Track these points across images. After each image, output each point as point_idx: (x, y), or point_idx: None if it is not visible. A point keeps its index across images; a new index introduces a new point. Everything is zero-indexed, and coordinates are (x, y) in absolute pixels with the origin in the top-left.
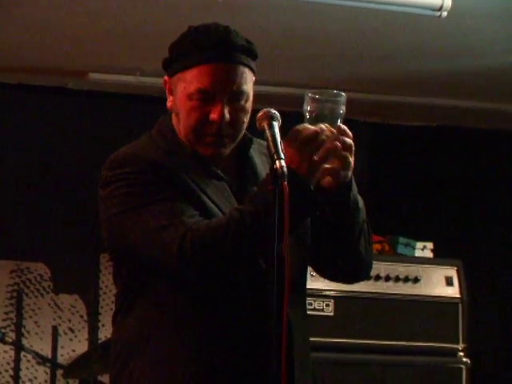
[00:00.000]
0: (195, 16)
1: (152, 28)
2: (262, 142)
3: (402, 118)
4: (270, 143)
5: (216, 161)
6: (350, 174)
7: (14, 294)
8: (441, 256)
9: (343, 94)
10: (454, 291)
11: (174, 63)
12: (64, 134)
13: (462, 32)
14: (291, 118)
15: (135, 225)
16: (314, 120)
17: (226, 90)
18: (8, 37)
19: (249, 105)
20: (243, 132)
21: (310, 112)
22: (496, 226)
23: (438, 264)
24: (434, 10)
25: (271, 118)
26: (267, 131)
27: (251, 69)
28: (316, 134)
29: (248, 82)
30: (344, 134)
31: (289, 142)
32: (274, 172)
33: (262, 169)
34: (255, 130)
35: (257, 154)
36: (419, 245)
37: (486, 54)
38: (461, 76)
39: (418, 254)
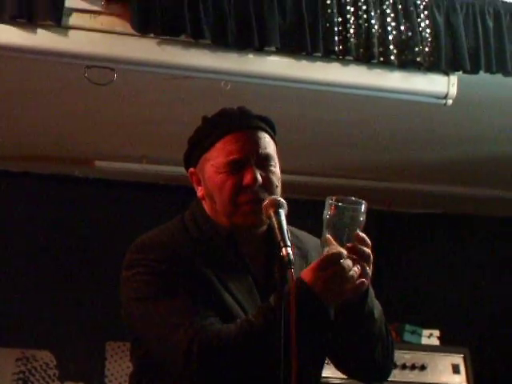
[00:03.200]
0: (201, 104)
1: (157, 116)
2: (298, 233)
3: (408, 205)
4: (277, 231)
5: (249, 244)
6: (366, 283)
7: (20, 382)
8: (447, 344)
9: (364, 202)
10: (460, 379)
11: (196, 150)
12: (70, 221)
13: (467, 120)
14: (296, 205)
15: (148, 317)
16: (334, 228)
17: (252, 154)
18: (15, 126)
19: (278, 170)
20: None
21: (331, 219)
22: (502, 315)
23: (445, 352)
24: (439, 98)
25: (277, 205)
26: (273, 218)
27: (272, 136)
28: (347, 270)
29: (271, 146)
30: (363, 243)
31: (320, 266)
32: (281, 260)
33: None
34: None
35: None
36: (426, 332)
37: (492, 142)
38: (467, 164)
39: (424, 341)
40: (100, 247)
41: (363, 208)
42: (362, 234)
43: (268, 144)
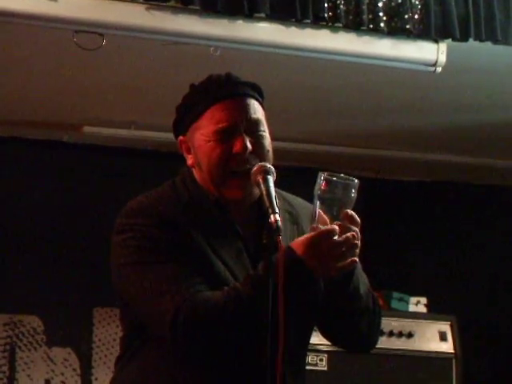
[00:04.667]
0: (191, 70)
1: (146, 82)
2: (289, 197)
3: (397, 172)
4: (265, 197)
5: (239, 211)
6: (356, 262)
7: (7, 347)
8: (435, 311)
9: (356, 180)
10: (447, 346)
11: (185, 118)
12: (58, 186)
13: (456, 88)
14: (286, 172)
15: (137, 283)
16: (325, 202)
17: (241, 121)
18: (3, 91)
19: (268, 135)
20: (271, 162)
21: (322, 194)
22: (489, 282)
23: (432, 319)
24: (428, 65)
25: (266, 172)
26: (262, 185)
27: (260, 102)
28: (341, 245)
29: (260, 112)
30: (351, 221)
31: (312, 241)
32: (269, 226)
33: (283, 228)
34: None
35: (280, 212)
36: (413, 300)
37: (481, 110)
38: (456, 131)
39: (411, 308)
40: (89, 213)
41: (355, 186)
42: (352, 213)
43: (257, 110)
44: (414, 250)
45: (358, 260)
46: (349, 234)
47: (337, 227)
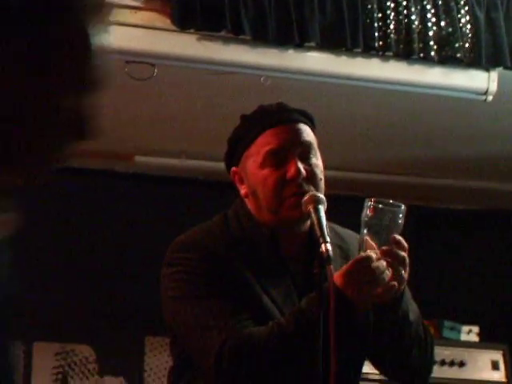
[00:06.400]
0: (241, 99)
1: (197, 112)
2: (340, 230)
3: (447, 201)
4: (316, 227)
5: (290, 244)
6: (402, 287)
7: (59, 377)
8: (487, 340)
9: (403, 205)
10: (500, 375)
11: (237, 148)
12: (109, 216)
13: (507, 116)
14: (337, 201)
15: (184, 317)
16: (372, 229)
17: (294, 145)
18: None
19: (320, 163)
20: (323, 191)
21: (369, 220)
22: None
23: (484, 348)
24: (479, 94)
25: (317, 201)
26: (313, 215)
27: (312, 129)
28: (377, 272)
29: (312, 137)
30: (399, 246)
31: (350, 269)
32: (320, 256)
33: (333, 263)
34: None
35: (331, 245)
36: (465, 328)
37: None
38: (506, 160)
39: (463, 337)
40: (140, 242)
41: (402, 211)
42: (399, 237)
43: (309, 134)
44: (465, 279)
45: (404, 285)
46: (388, 261)
47: (374, 253)
